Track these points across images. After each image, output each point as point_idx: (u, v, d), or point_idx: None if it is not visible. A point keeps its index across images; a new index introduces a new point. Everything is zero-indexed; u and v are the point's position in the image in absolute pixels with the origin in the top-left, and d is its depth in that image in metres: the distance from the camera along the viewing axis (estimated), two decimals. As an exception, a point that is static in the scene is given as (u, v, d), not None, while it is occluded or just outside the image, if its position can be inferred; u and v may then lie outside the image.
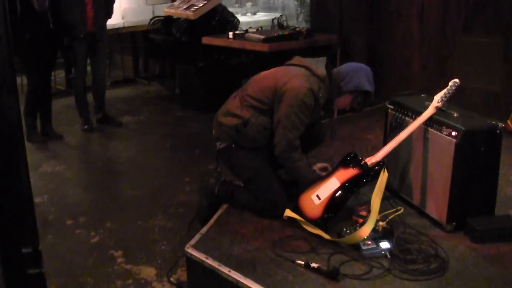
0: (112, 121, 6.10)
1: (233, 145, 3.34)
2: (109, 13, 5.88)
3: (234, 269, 2.67)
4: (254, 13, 9.25)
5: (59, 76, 7.77)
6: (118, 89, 7.65)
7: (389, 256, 2.72)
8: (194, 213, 3.85)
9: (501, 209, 3.08)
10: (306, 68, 3.30)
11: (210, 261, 2.77)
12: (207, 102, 6.34)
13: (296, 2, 8.46)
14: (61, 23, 5.41)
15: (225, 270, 2.68)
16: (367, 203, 3.19)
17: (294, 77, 3.23)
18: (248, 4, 10.06)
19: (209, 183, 3.51)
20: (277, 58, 5.41)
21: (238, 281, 2.60)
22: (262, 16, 9.08)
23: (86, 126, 5.92)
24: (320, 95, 3.22)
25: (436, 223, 3.06)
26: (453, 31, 5.26)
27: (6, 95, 1.41)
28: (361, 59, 5.92)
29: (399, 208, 3.07)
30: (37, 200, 4.20)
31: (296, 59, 3.45)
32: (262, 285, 2.53)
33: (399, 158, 3.33)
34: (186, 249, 2.91)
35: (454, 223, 2.97)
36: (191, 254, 2.87)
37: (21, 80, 5.81)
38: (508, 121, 4.49)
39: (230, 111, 3.36)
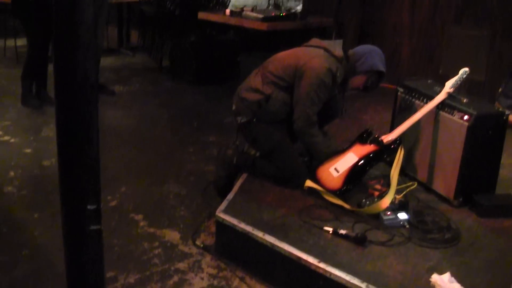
0: (105, 90, 6.11)
1: (254, 120, 3.54)
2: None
3: (268, 233, 2.89)
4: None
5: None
6: (104, 58, 7.61)
7: (407, 226, 2.98)
8: (205, 181, 4.06)
9: (497, 189, 3.38)
10: (325, 49, 3.54)
11: (243, 226, 2.97)
12: (198, 76, 6.49)
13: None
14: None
15: (259, 234, 2.89)
16: (378, 178, 3.47)
17: (314, 57, 3.45)
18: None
19: (226, 154, 3.70)
20: (271, 37, 5.66)
21: (273, 245, 2.81)
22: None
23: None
24: (338, 74, 3.46)
25: (442, 199, 3.34)
26: (443, 21, 5.55)
27: (89, 56, 1.48)
28: (352, 42, 6.18)
29: (413, 183, 3.34)
30: (46, 163, 4.30)
31: (314, 41, 3.67)
32: (297, 248, 2.76)
33: (407, 138, 3.56)
34: (217, 213, 3.10)
35: (460, 199, 3.26)
36: (223, 219, 3.06)
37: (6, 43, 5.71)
38: (495, 109, 4.80)
39: (252, 87, 3.56)
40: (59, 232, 1.61)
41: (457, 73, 3.41)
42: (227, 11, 5.99)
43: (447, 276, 2.49)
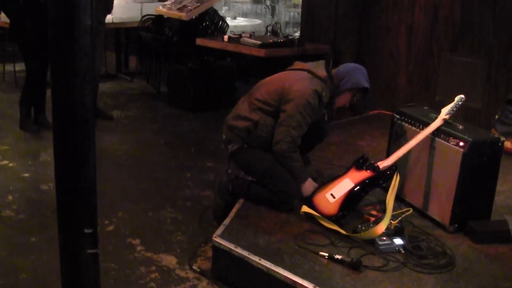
0: (103, 115, 6.18)
1: (245, 146, 3.60)
2: (108, 9, 5.99)
3: (264, 258, 2.92)
4: (234, 18, 9.51)
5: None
6: (101, 84, 7.69)
7: (402, 251, 3.02)
8: (202, 206, 4.10)
9: (492, 215, 3.42)
10: (308, 71, 3.62)
11: (239, 250, 3.00)
12: (195, 102, 6.56)
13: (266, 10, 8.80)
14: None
15: (255, 258, 2.92)
16: (375, 204, 3.51)
17: (298, 79, 3.55)
18: (224, 9, 10.33)
19: (222, 182, 3.76)
20: (269, 64, 5.73)
21: (269, 269, 2.84)
22: (242, 21, 9.35)
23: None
24: (324, 94, 3.54)
25: (437, 224, 3.37)
26: (439, 49, 5.63)
27: (86, 83, 1.53)
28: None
29: (408, 209, 3.38)
30: (43, 187, 4.34)
31: (298, 64, 3.77)
32: (293, 273, 2.78)
33: (403, 164, 3.61)
34: (214, 238, 3.13)
35: (456, 225, 3.29)
36: (219, 244, 3.09)
37: (5, 68, 5.78)
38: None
39: (240, 115, 3.63)
40: (57, 256, 1.65)
41: (453, 100, 3.47)
42: (225, 37, 6.09)
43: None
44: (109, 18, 7.53)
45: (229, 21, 9.15)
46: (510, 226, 3.28)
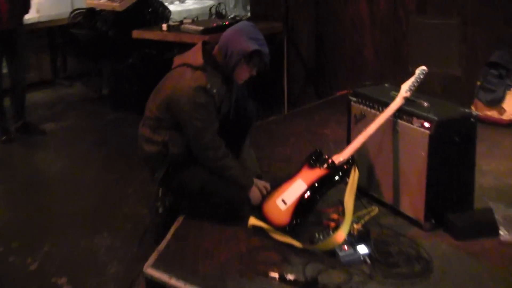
0: (34, 130, 5.97)
1: (170, 168, 3.37)
2: (26, 7, 5.76)
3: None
4: (183, 1, 9.26)
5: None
6: (36, 93, 7.50)
7: (368, 261, 2.77)
8: (143, 227, 3.89)
9: (478, 201, 3.20)
10: (186, 64, 3.31)
11: (174, 281, 2.76)
12: (141, 102, 6.25)
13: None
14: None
15: (192, 289, 2.68)
16: (336, 205, 3.25)
17: (177, 82, 3.25)
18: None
19: (157, 199, 3.62)
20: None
21: (208, 301, 2.61)
22: (192, 4, 9.10)
23: (3, 137, 5.77)
24: (209, 86, 3.20)
25: (413, 222, 3.14)
26: (406, 12, 5.42)
27: None
28: (308, 48, 6.03)
29: (373, 208, 3.14)
30: None
31: (176, 60, 3.43)
32: (236, 304, 2.54)
33: (365, 153, 3.39)
34: (144, 269, 2.89)
35: (432, 221, 3.06)
36: (151, 276, 2.85)
37: None
38: (472, 107, 4.64)
39: (146, 138, 3.40)
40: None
41: (428, 69, 3.31)
42: (164, 26, 5.85)
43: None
44: (35, 16, 7.28)
45: (177, 5, 8.92)
46: (496, 214, 3.04)
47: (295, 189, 3.13)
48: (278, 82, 5.95)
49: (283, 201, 3.12)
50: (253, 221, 3.13)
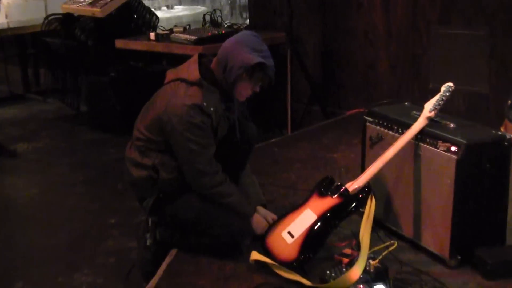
0: (3, 151, 6.04)
1: (161, 195, 3.41)
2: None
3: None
4: (171, 7, 9.37)
5: None
6: (4, 109, 7.57)
7: (387, 302, 2.81)
8: (128, 262, 3.91)
9: (510, 236, 3.22)
10: (180, 79, 3.34)
11: (165, 327, 2.79)
12: (123, 122, 6.32)
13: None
14: None
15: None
16: (350, 238, 3.30)
17: (170, 99, 3.27)
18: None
19: (146, 230, 3.61)
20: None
21: None
22: (182, 11, 9.21)
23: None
24: (205, 104, 3.24)
25: (436, 258, 3.17)
26: (426, 22, 5.49)
27: None
28: (314, 61, 6.10)
29: (392, 242, 3.16)
30: None
31: (169, 74, 3.45)
32: None
33: (382, 181, 3.43)
34: (132, 312, 2.92)
35: (458, 257, 3.09)
36: (140, 320, 2.87)
37: None
38: (502, 129, 4.68)
39: (136, 162, 3.42)
40: None
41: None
42: (151, 34, 5.90)
43: None
44: (4, 22, 7.35)
45: (164, 11, 9.02)
46: (532, 250, 3.09)
47: (303, 220, 3.16)
48: (280, 100, 6.00)
49: (289, 233, 3.15)
50: (255, 255, 3.16)
